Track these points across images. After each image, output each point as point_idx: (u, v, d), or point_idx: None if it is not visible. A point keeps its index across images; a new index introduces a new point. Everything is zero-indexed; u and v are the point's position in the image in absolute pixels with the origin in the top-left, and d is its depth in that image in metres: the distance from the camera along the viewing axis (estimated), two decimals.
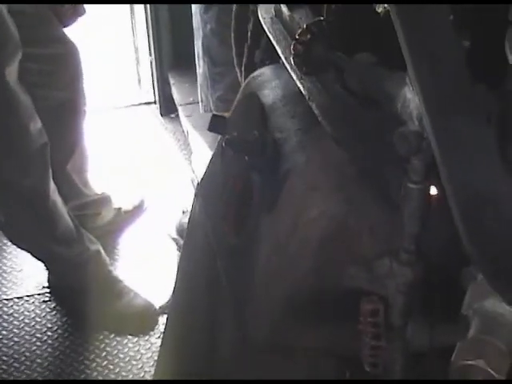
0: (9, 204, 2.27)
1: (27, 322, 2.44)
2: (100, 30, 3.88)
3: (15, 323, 2.44)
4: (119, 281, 2.47)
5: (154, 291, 2.45)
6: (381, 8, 0.99)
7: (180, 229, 2.65)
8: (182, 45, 3.20)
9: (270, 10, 1.29)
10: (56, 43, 2.33)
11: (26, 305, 2.51)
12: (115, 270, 2.54)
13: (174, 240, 2.69)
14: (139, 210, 2.86)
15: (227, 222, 1.20)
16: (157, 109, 3.49)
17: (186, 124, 3.14)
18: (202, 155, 2.77)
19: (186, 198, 2.65)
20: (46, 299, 2.53)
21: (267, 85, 1.25)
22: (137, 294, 2.45)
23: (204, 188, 1.38)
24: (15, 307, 2.50)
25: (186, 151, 3.17)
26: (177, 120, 3.34)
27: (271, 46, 1.25)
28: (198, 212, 1.39)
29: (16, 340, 2.39)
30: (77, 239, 2.38)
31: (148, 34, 3.35)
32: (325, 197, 0.99)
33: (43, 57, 2.30)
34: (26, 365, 2.30)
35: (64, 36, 2.36)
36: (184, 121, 3.19)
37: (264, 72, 1.30)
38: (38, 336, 2.39)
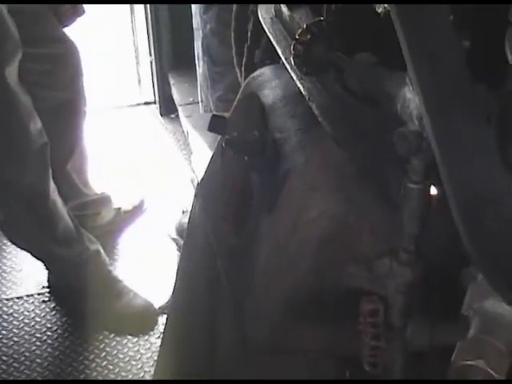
0: (9, 204, 2.27)
1: (27, 322, 2.44)
2: (100, 30, 3.88)
3: (15, 323, 2.44)
4: (119, 281, 2.47)
5: (154, 291, 2.45)
6: (381, 8, 0.98)
7: (180, 229, 2.64)
8: (182, 45, 3.20)
9: (270, 10, 1.29)
10: (56, 43, 2.33)
11: (26, 304, 2.51)
12: (115, 270, 2.54)
13: (174, 240, 2.69)
14: (139, 210, 2.86)
15: (227, 222, 1.20)
16: (157, 109, 3.49)
17: (186, 124, 3.14)
18: (202, 155, 2.77)
19: (186, 198, 2.65)
20: (46, 299, 2.53)
21: (267, 85, 1.25)
22: (136, 294, 2.44)
23: (204, 188, 1.38)
24: (15, 307, 2.50)
25: (186, 151, 3.17)
26: (177, 120, 3.34)
27: (271, 46, 1.24)
28: (198, 212, 1.39)
29: (16, 340, 2.38)
30: (76, 239, 2.38)
31: (148, 34, 3.35)
32: (325, 197, 0.98)
33: (43, 56, 2.29)
34: (26, 365, 2.30)
35: (64, 36, 2.35)
36: (184, 121, 3.19)
37: (264, 72, 1.30)
38: (38, 336, 2.39)
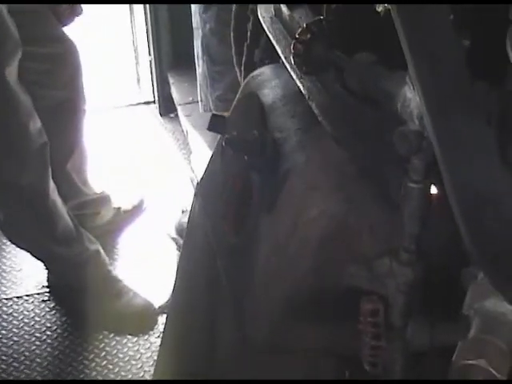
0: (8, 203, 2.27)
1: (26, 322, 2.44)
2: (99, 30, 3.88)
3: (15, 323, 2.44)
4: (118, 280, 2.47)
5: (154, 291, 2.45)
6: (381, 7, 0.98)
7: (179, 228, 2.64)
8: (182, 44, 3.20)
9: (270, 10, 1.29)
10: (55, 42, 2.33)
11: (26, 304, 2.51)
12: (114, 270, 2.54)
13: (174, 239, 2.69)
14: (139, 210, 2.86)
15: (227, 222, 1.20)
16: (156, 108, 3.49)
17: (186, 123, 3.14)
18: (202, 155, 2.77)
19: (186, 198, 2.65)
20: (46, 299, 2.53)
21: (267, 84, 1.25)
22: (136, 294, 2.44)
23: (203, 187, 1.38)
24: (15, 306, 2.50)
25: (186, 151, 3.17)
26: (176, 119, 3.34)
27: (271, 46, 1.24)
28: (198, 211, 1.39)
29: (15, 339, 2.38)
30: (76, 239, 2.38)
31: (147, 34, 3.35)
32: (325, 196, 0.98)
33: (42, 56, 2.29)
34: (26, 364, 2.30)
35: (63, 35, 2.35)
36: (183, 120, 3.18)
37: (263, 71, 1.30)
38: (38, 335, 2.39)
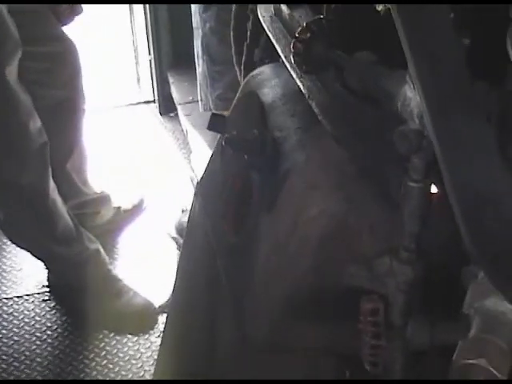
0: (8, 203, 2.27)
1: (27, 321, 2.44)
2: (99, 30, 3.88)
3: (15, 322, 2.44)
4: (119, 280, 2.47)
5: (154, 290, 2.45)
6: (381, 6, 0.98)
7: (179, 228, 2.64)
8: (181, 44, 3.20)
9: (270, 9, 1.29)
10: (54, 41, 2.33)
11: (26, 304, 2.51)
12: (115, 269, 2.53)
13: (174, 239, 2.69)
14: (139, 209, 2.86)
15: (227, 221, 1.20)
16: (156, 108, 3.49)
17: (186, 123, 3.14)
18: (202, 154, 2.77)
19: (186, 197, 2.65)
20: (46, 298, 2.53)
21: (267, 83, 1.25)
22: (136, 293, 2.44)
23: (203, 187, 1.38)
24: (15, 306, 2.50)
25: (186, 150, 3.17)
26: (176, 119, 3.34)
27: (271, 45, 1.24)
28: (198, 211, 1.38)
29: (16, 339, 2.38)
30: (76, 238, 2.38)
31: (147, 34, 3.35)
32: (325, 195, 0.98)
33: (42, 55, 2.29)
34: (26, 364, 2.30)
35: (62, 34, 2.35)
36: (183, 120, 3.18)
37: (263, 71, 1.30)
38: (38, 335, 2.39)
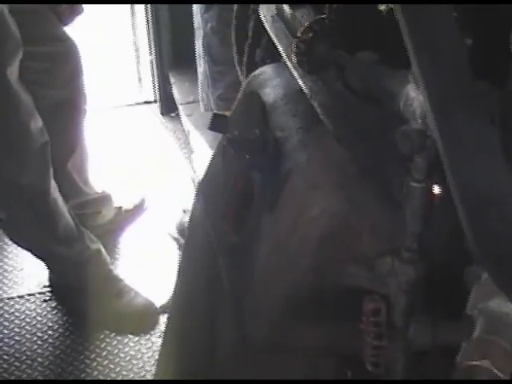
0: (9, 203, 2.26)
1: (28, 321, 2.44)
2: (101, 30, 3.88)
3: (16, 322, 2.44)
4: (120, 280, 2.47)
5: (155, 290, 2.45)
6: (383, 6, 0.98)
7: (181, 228, 2.64)
8: (183, 44, 3.19)
9: (272, 9, 1.29)
10: (55, 41, 2.33)
11: (27, 304, 2.51)
12: (116, 269, 2.53)
13: (175, 239, 2.69)
14: (140, 209, 2.86)
15: (227, 221, 1.20)
16: (157, 108, 3.49)
17: (187, 123, 3.14)
18: (203, 154, 2.77)
19: (187, 197, 2.65)
20: (47, 298, 2.53)
21: (268, 83, 1.25)
22: (137, 293, 2.44)
23: (205, 187, 1.38)
24: (16, 306, 2.50)
25: (187, 150, 3.17)
26: (177, 119, 3.34)
27: (272, 45, 1.24)
28: (199, 211, 1.38)
29: (17, 339, 2.38)
30: (77, 238, 2.37)
31: (148, 34, 3.35)
32: (326, 195, 0.98)
33: (42, 55, 2.29)
34: (27, 364, 2.30)
35: (63, 34, 2.35)
36: (184, 120, 3.18)
37: (265, 71, 1.30)
38: (39, 335, 2.39)
